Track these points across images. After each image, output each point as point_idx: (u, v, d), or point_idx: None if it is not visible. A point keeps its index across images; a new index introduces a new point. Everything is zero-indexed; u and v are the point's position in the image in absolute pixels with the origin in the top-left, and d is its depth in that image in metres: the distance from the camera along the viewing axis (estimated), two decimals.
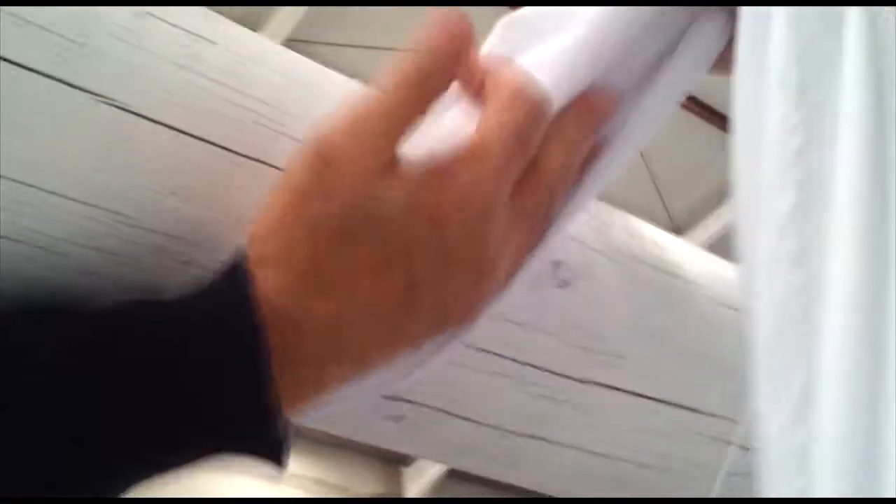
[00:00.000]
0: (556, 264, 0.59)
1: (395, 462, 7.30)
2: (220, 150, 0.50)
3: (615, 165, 0.55)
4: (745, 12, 0.48)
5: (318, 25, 5.32)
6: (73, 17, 0.47)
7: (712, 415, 0.67)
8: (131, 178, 0.48)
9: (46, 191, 0.46)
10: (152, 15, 0.50)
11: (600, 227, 0.63)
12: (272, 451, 0.44)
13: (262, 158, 0.51)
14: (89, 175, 0.47)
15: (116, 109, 0.47)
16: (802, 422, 0.39)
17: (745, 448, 0.60)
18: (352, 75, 0.58)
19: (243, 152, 0.50)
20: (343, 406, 0.53)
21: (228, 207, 0.50)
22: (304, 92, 0.54)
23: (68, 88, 0.46)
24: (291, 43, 5.42)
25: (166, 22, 0.50)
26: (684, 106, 6.10)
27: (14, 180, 0.45)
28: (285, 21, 5.26)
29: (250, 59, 0.53)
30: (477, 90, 0.51)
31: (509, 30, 0.55)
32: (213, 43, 0.51)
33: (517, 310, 0.58)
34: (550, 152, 0.51)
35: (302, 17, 5.24)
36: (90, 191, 0.47)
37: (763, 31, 0.47)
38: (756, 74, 0.47)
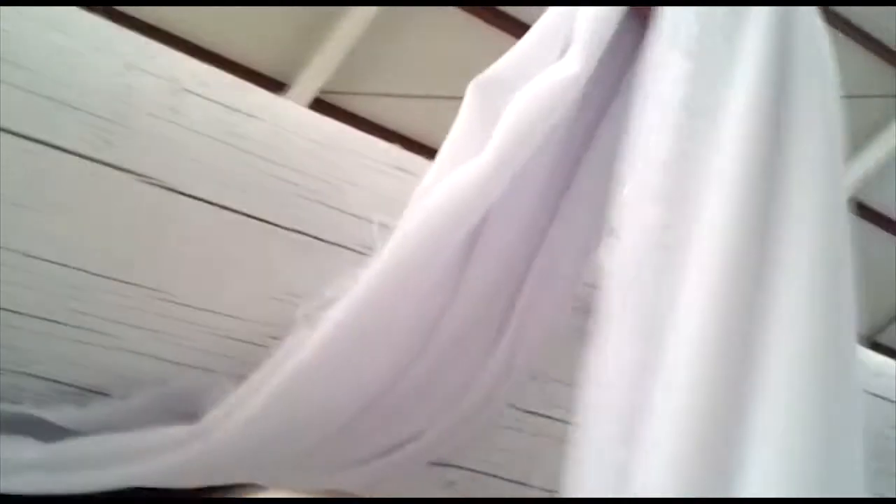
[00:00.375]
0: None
1: None
2: (260, 223, 0.50)
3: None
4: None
5: (352, 75, 5.34)
6: (112, 97, 0.47)
7: None
8: (172, 255, 0.48)
9: (90, 273, 0.46)
10: (189, 91, 0.50)
11: None
12: None
13: (302, 229, 0.51)
14: (131, 255, 0.47)
15: (157, 188, 0.47)
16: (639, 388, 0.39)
17: None
18: (385, 123, 0.58)
19: (283, 224, 0.51)
20: (392, 472, 0.53)
21: (270, 279, 0.50)
22: (340, 159, 0.54)
23: (110, 170, 0.46)
24: (325, 94, 5.45)
25: (203, 97, 0.51)
26: None
27: (59, 264, 0.46)
28: (319, 72, 5.28)
29: (286, 129, 0.53)
30: None
31: (482, 92, 0.55)
32: (249, 116, 0.52)
33: (560, 368, 0.58)
34: None
35: (336, 68, 5.27)
36: (133, 270, 0.47)
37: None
38: None
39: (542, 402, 0.58)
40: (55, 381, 0.48)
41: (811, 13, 0.48)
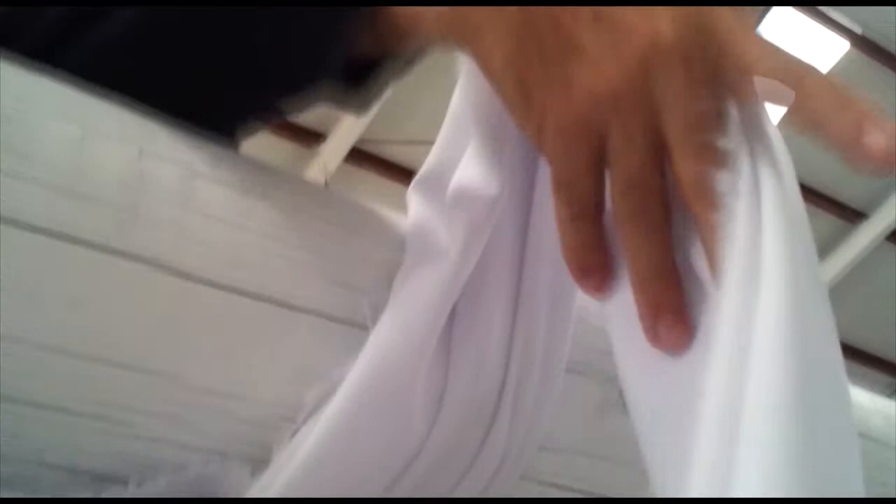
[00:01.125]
0: (622, 391, 0.58)
1: None
2: (274, 304, 0.50)
3: None
4: None
5: (389, 123, 5.39)
6: (125, 185, 0.48)
7: None
8: (187, 341, 0.48)
9: (105, 362, 0.47)
10: (202, 175, 0.51)
11: None
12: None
13: (317, 309, 0.51)
14: (146, 342, 0.47)
15: (171, 275, 0.48)
16: None
17: None
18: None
19: (298, 305, 0.51)
20: None
21: (286, 361, 0.50)
22: (354, 238, 0.54)
23: (123, 259, 0.47)
24: (362, 142, 5.51)
25: (216, 182, 0.51)
26: None
27: (74, 354, 0.46)
28: (356, 121, 5.35)
29: (300, 210, 0.53)
30: None
31: (423, 191, 0.55)
32: (262, 198, 0.52)
33: (586, 440, 0.57)
34: None
35: (372, 115, 5.32)
36: (148, 357, 0.47)
37: None
38: None
39: (560, 473, 0.57)
40: (71, 469, 0.48)
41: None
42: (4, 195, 0.44)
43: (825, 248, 6.09)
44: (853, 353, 6.73)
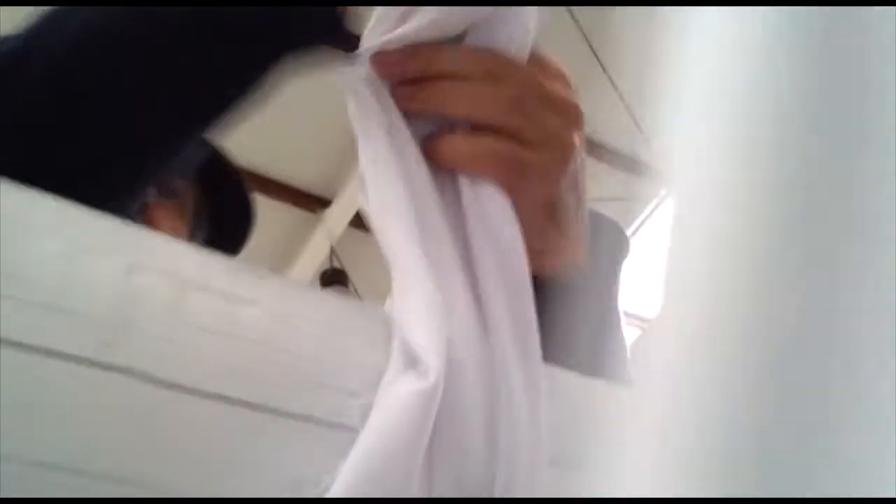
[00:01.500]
0: None
1: None
2: (264, 412, 0.50)
3: None
4: None
5: None
6: (112, 300, 0.48)
7: None
8: (179, 453, 0.48)
9: (92, 476, 0.47)
10: (190, 284, 0.51)
11: None
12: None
13: (306, 414, 0.51)
14: (134, 455, 0.47)
15: (159, 387, 0.48)
16: None
17: None
18: None
19: (289, 411, 0.51)
20: None
21: (276, 468, 0.50)
22: (345, 339, 0.55)
23: (111, 372, 0.47)
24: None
25: (203, 290, 0.51)
26: None
27: (68, 471, 0.46)
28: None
29: (289, 314, 0.54)
30: None
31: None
32: (251, 304, 0.52)
33: None
34: None
35: None
36: (140, 472, 0.48)
37: None
38: None
39: None
40: None
41: None
42: None
43: None
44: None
